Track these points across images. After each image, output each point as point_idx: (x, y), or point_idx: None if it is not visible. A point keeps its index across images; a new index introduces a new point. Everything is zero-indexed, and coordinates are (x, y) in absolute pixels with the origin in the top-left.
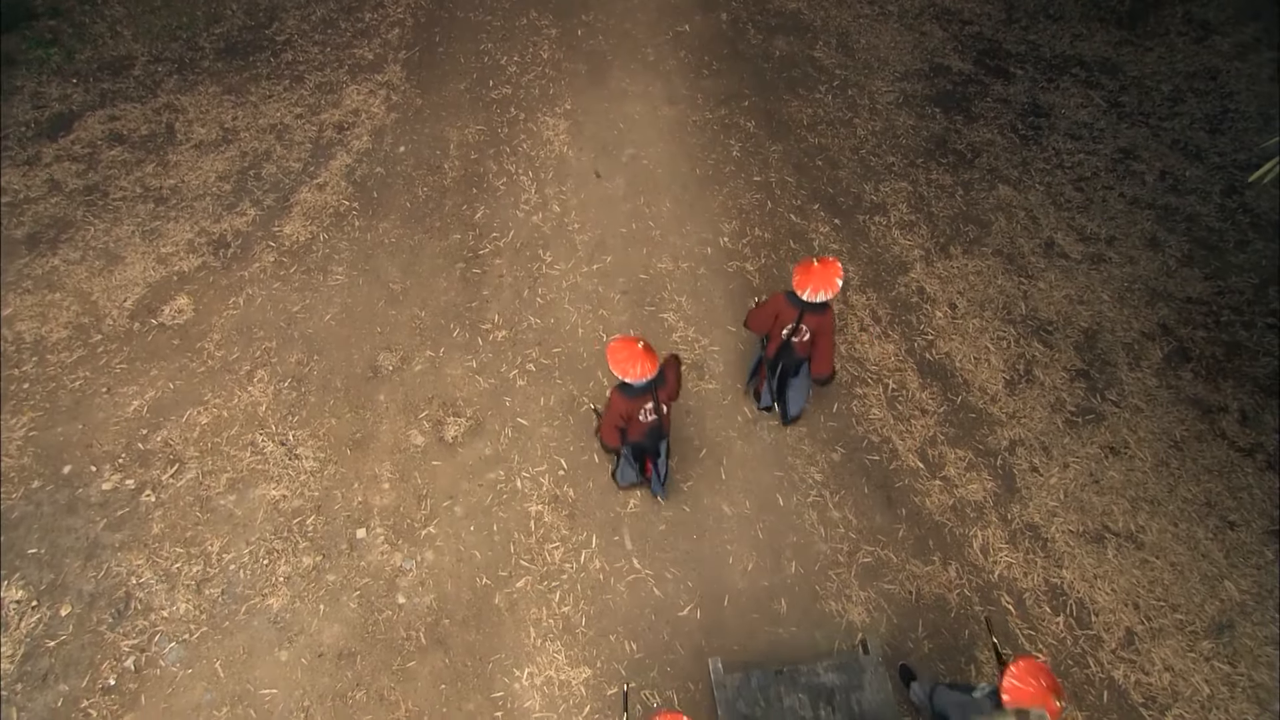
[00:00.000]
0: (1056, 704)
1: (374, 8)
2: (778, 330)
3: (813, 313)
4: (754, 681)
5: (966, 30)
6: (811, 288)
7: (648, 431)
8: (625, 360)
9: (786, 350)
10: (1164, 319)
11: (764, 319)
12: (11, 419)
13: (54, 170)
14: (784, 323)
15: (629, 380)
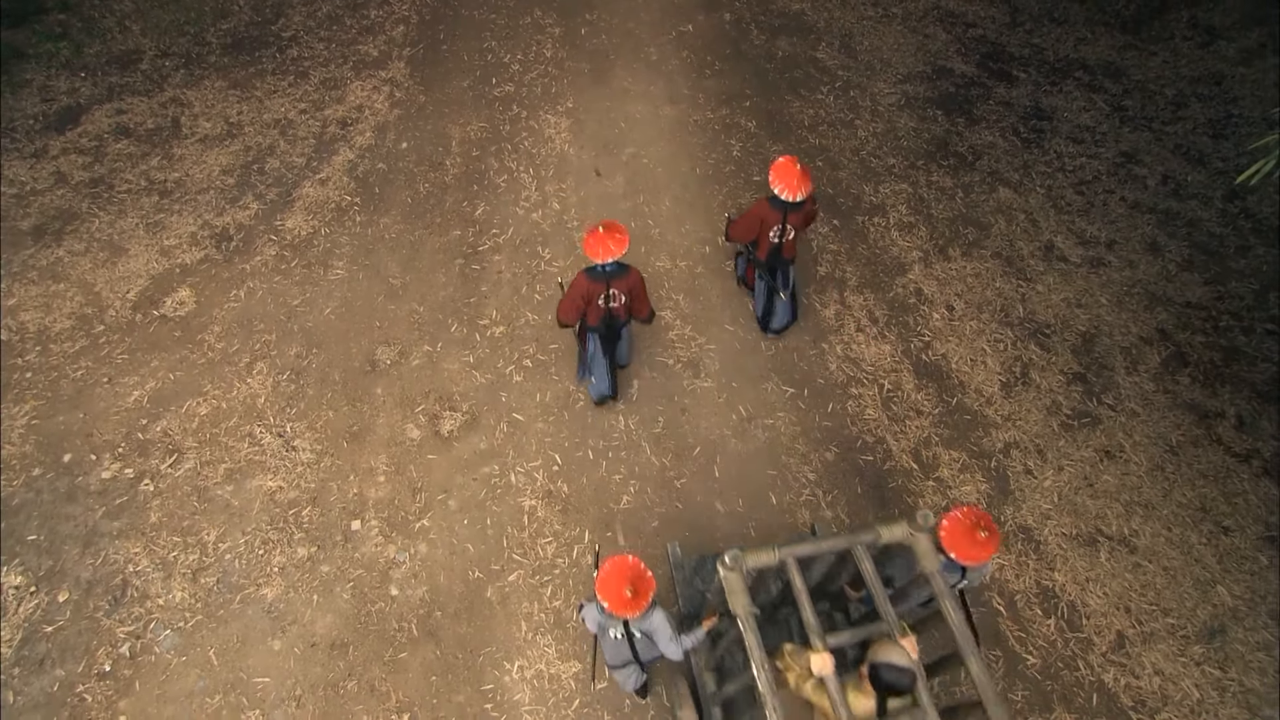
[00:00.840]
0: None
1: (380, 5)
2: (765, 235)
3: (795, 211)
4: (710, 563)
5: (970, 33)
6: (791, 190)
7: (603, 318)
8: (595, 243)
9: (777, 252)
10: (1162, 323)
11: (749, 228)
12: (14, 407)
13: (61, 163)
14: (770, 226)
15: (594, 261)
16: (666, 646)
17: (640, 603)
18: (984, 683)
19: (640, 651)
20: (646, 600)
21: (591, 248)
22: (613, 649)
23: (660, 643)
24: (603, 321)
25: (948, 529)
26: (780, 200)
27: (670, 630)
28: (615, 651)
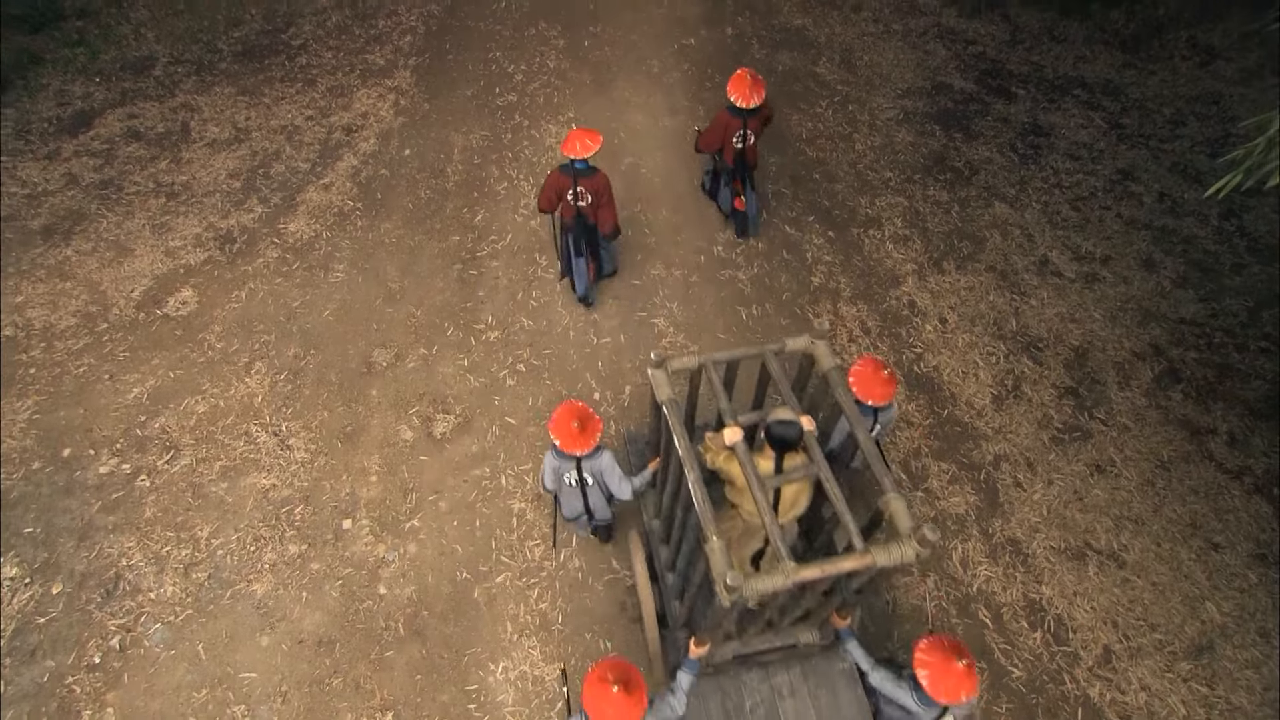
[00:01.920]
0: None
1: (388, 15)
2: (729, 141)
3: (752, 117)
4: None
5: (970, 50)
6: (744, 98)
7: (575, 217)
8: (569, 141)
9: (741, 157)
10: (1156, 339)
11: (714, 137)
12: (17, 402)
13: (72, 164)
14: (733, 132)
15: (568, 156)
16: (617, 487)
17: (589, 439)
18: (870, 449)
19: (592, 500)
20: (594, 437)
21: (567, 144)
22: (568, 499)
23: (611, 483)
24: (576, 220)
25: (856, 375)
26: (738, 108)
27: (619, 471)
28: (570, 502)
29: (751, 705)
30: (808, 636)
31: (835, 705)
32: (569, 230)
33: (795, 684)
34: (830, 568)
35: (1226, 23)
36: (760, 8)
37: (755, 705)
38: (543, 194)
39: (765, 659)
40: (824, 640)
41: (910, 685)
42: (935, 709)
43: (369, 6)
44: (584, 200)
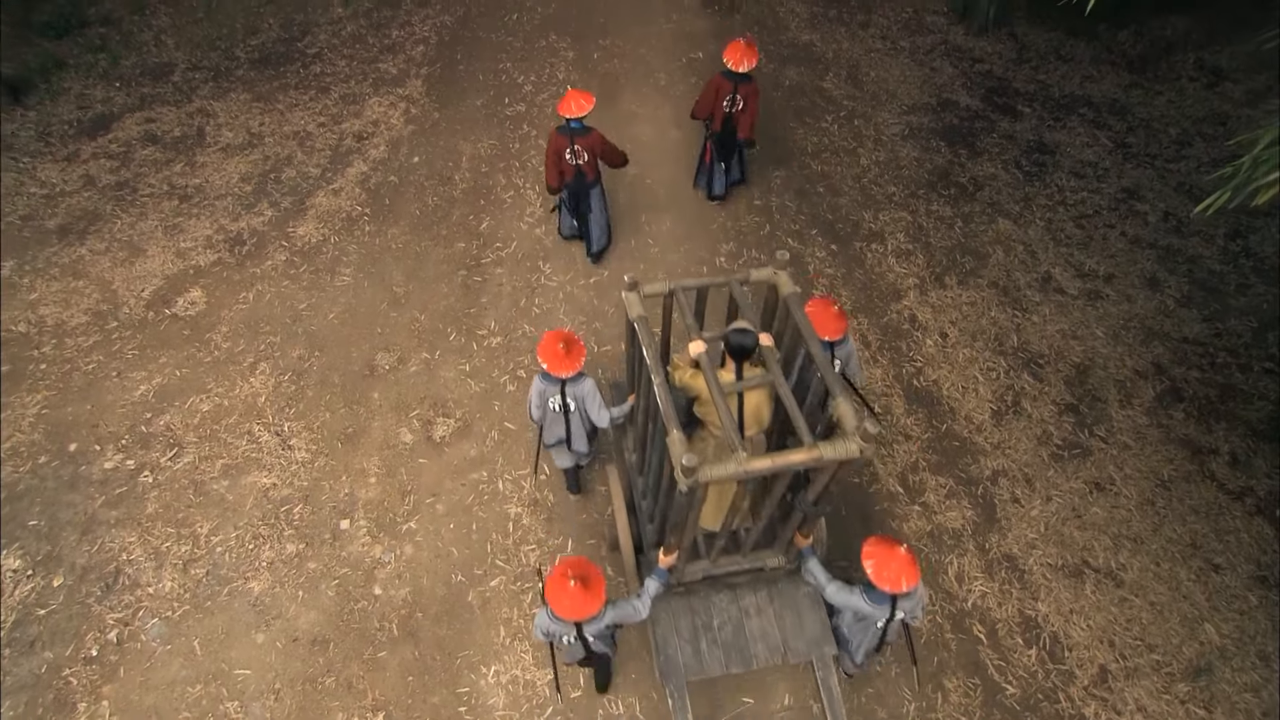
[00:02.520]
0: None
1: (401, 25)
2: (719, 105)
3: (743, 83)
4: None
5: (976, 68)
6: (736, 62)
7: (574, 176)
8: (565, 101)
9: (728, 124)
10: (1158, 358)
11: (706, 101)
12: (27, 396)
13: (90, 166)
14: (723, 95)
15: (564, 117)
16: (597, 413)
17: (574, 361)
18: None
19: (573, 429)
20: (579, 360)
21: (563, 105)
22: (551, 425)
23: (591, 410)
24: (573, 179)
25: (811, 311)
26: (731, 72)
27: (600, 398)
28: (552, 429)
29: (719, 623)
30: (774, 561)
31: (799, 625)
32: (565, 188)
33: (762, 605)
34: (780, 459)
35: (1234, 45)
36: (769, 23)
37: (723, 623)
38: (548, 169)
39: (734, 581)
40: (790, 565)
41: (861, 589)
42: (885, 606)
43: (383, 17)
44: (580, 158)
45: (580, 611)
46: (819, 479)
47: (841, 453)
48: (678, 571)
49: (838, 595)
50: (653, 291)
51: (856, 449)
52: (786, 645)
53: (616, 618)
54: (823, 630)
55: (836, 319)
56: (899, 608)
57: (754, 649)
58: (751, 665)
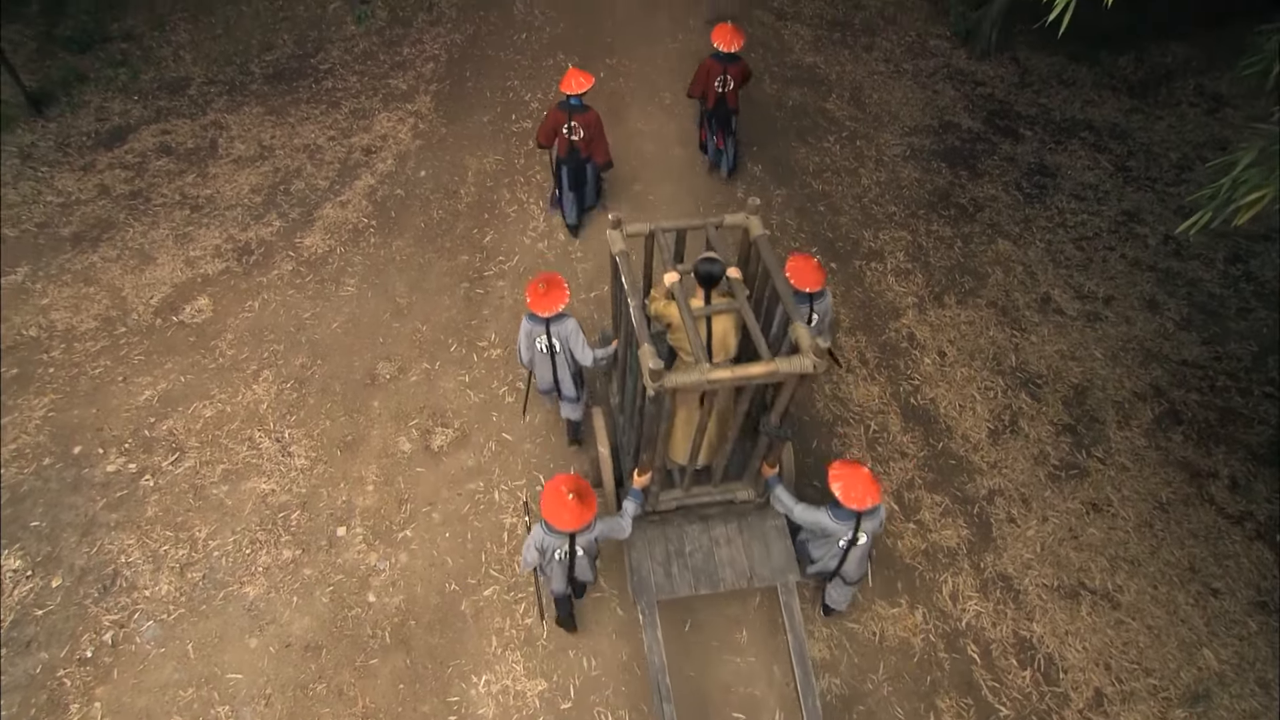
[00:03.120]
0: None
1: (413, 43)
2: (712, 86)
3: (732, 64)
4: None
5: (978, 91)
6: (725, 44)
7: (568, 150)
8: (567, 79)
9: (721, 102)
10: (1157, 380)
11: (699, 82)
12: (34, 399)
13: (105, 176)
14: (714, 76)
15: (565, 94)
16: (580, 352)
17: (553, 300)
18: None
19: (560, 373)
20: (559, 299)
21: (564, 82)
22: (540, 369)
23: (575, 348)
24: (569, 154)
25: (790, 268)
26: (720, 54)
27: (583, 337)
28: (541, 373)
29: (691, 550)
30: (744, 494)
31: (766, 554)
32: (562, 164)
33: (731, 535)
34: (740, 371)
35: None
36: (773, 45)
37: (694, 550)
38: (542, 128)
39: (706, 513)
40: (759, 499)
41: (828, 508)
42: (850, 524)
43: (395, 35)
44: (577, 134)
45: (577, 522)
46: (780, 399)
47: (796, 367)
48: (652, 497)
49: (806, 514)
50: (634, 231)
51: (810, 364)
52: (753, 571)
53: (604, 530)
54: (788, 559)
55: (815, 271)
56: (862, 528)
57: (722, 573)
58: (719, 588)
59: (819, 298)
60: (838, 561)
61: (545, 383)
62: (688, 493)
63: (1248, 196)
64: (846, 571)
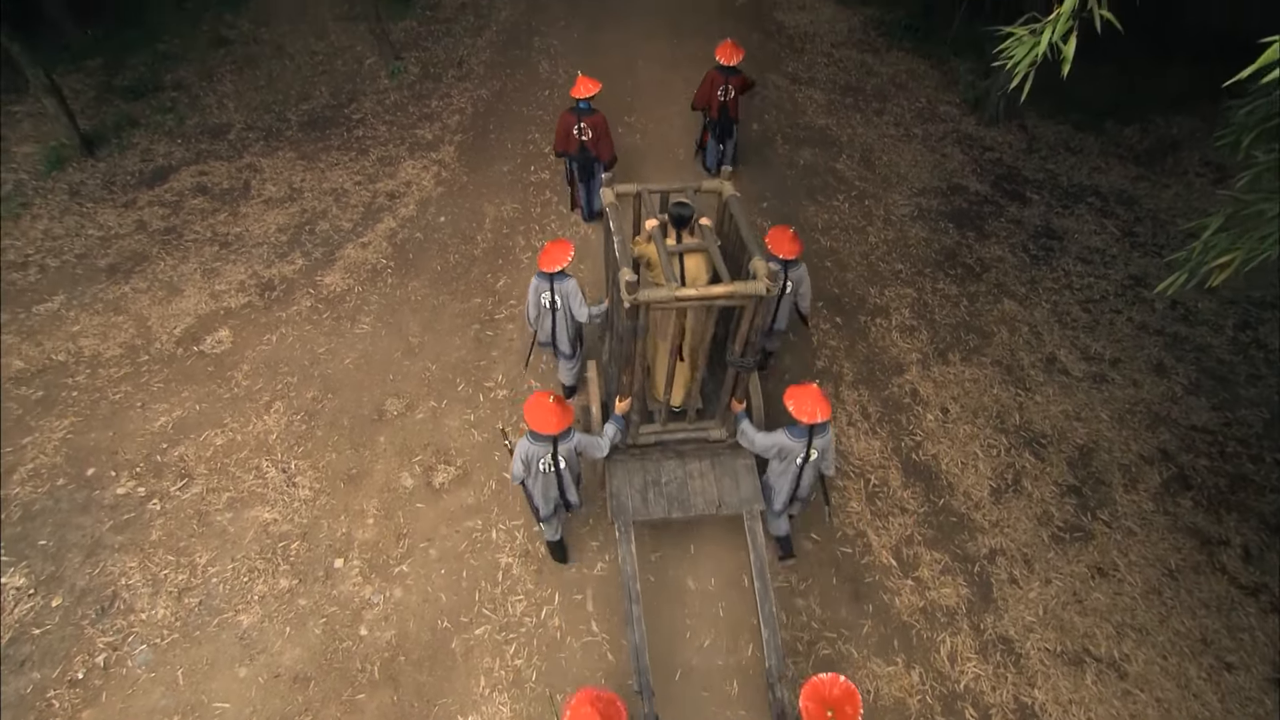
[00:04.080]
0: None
1: (441, 97)
2: (714, 95)
3: (732, 75)
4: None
5: (987, 156)
6: (726, 58)
7: (579, 149)
8: (578, 84)
9: (724, 111)
10: (1165, 444)
11: (704, 93)
12: (55, 421)
13: (144, 213)
14: (717, 86)
15: (573, 97)
16: (578, 308)
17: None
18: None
19: (558, 328)
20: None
21: (575, 89)
22: (542, 321)
23: (574, 304)
24: (580, 151)
25: (769, 237)
26: (722, 67)
27: (582, 296)
28: (543, 324)
29: (667, 480)
30: (716, 433)
31: (735, 487)
32: (573, 159)
33: (704, 470)
34: (703, 291)
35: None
36: (787, 107)
37: (670, 480)
38: (557, 137)
39: (682, 449)
40: (729, 440)
41: (784, 429)
42: (804, 440)
43: (425, 89)
44: (586, 135)
45: (558, 424)
46: (741, 328)
47: (751, 289)
48: (633, 428)
49: (767, 438)
50: (624, 190)
51: (763, 288)
52: (722, 500)
53: (584, 443)
54: (754, 492)
55: (791, 241)
56: (814, 445)
57: (693, 501)
58: (690, 513)
59: (793, 266)
60: (793, 483)
61: (545, 335)
62: (665, 428)
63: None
64: (801, 490)
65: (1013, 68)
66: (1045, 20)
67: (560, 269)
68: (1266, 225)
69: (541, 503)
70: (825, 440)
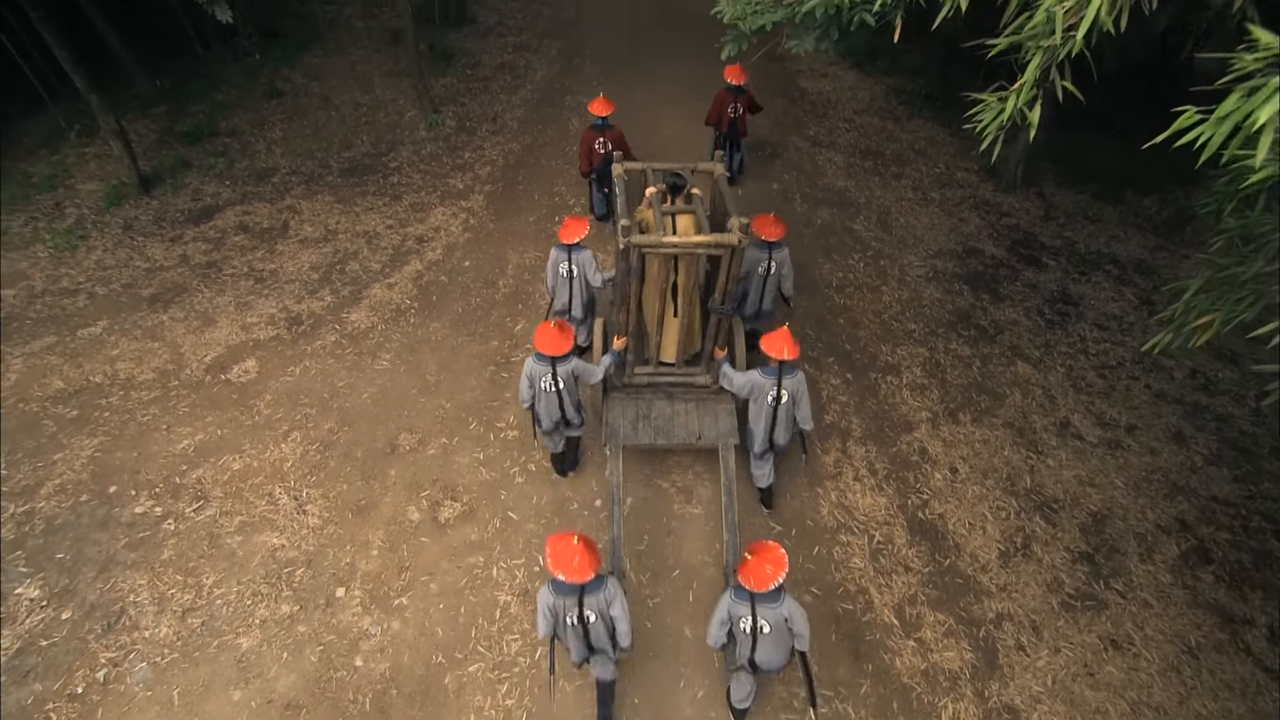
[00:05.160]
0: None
1: (475, 149)
2: (725, 114)
3: (739, 95)
4: None
5: (1004, 221)
6: (734, 79)
7: (602, 160)
8: (595, 104)
9: (732, 125)
10: (1183, 515)
11: (715, 111)
12: (86, 439)
13: (188, 248)
14: (726, 105)
15: (594, 116)
16: (593, 275)
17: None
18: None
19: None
20: (580, 229)
21: (592, 106)
22: (560, 289)
23: (589, 272)
24: (601, 163)
25: (756, 223)
26: (731, 87)
27: (595, 264)
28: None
29: (655, 415)
30: (702, 379)
31: (714, 424)
32: (594, 170)
33: (689, 409)
34: (685, 239)
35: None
36: (807, 169)
37: (658, 416)
38: (581, 155)
39: (672, 392)
40: (714, 386)
41: (757, 369)
42: (774, 377)
43: (460, 141)
44: (605, 148)
45: (557, 347)
46: (720, 276)
47: (726, 239)
48: (629, 367)
49: (742, 377)
50: (632, 168)
51: (736, 238)
52: (702, 433)
53: (580, 368)
54: (730, 429)
55: (774, 225)
56: (784, 386)
57: (677, 433)
58: (672, 441)
59: (777, 248)
60: (768, 423)
61: (561, 302)
62: (657, 370)
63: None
64: (777, 434)
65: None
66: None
67: (578, 240)
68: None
69: (545, 419)
70: (794, 381)
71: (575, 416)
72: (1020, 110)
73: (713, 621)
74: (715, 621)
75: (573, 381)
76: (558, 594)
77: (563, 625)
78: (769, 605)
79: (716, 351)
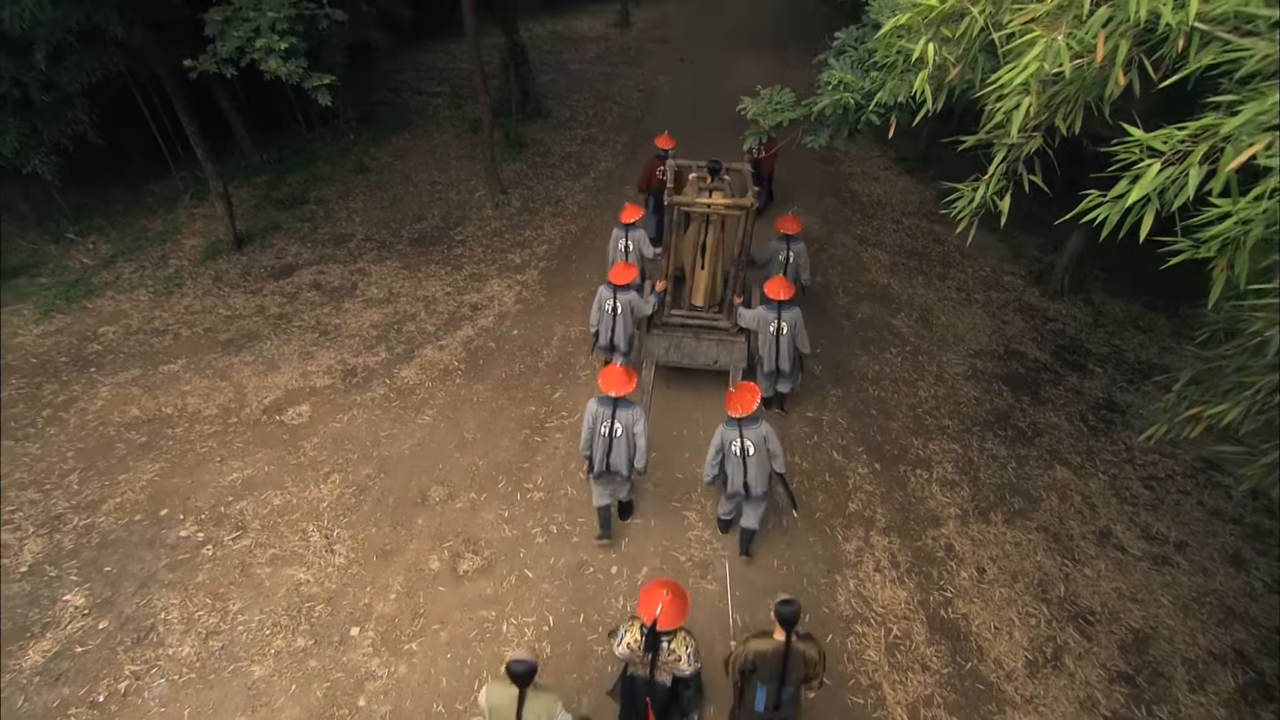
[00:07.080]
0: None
1: (535, 228)
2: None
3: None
4: None
5: (1049, 326)
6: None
7: (660, 186)
8: (661, 139)
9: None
10: (1241, 644)
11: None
12: (149, 465)
13: (266, 300)
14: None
15: (659, 146)
16: (646, 249)
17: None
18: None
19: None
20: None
21: (659, 140)
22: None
23: (644, 247)
24: (660, 188)
25: (778, 221)
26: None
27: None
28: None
29: (683, 345)
30: (724, 323)
31: (729, 354)
32: (654, 193)
33: (710, 345)
34: (714, 200)
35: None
36: (851, 264)
37: (685, 346)
38: (642, 176)
39: (699, 332)
40: (733, 329)
41: (763, 304)
42: (775, 310)
43: (523, 220)
44: (664, 175)
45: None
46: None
47: (744, 202)
48: (666, 308)
49: (751, 312)
50: (681, 164)
51: (750, 201)
52: (717, 359)
53: (635, 301)
54: (741, 357)
55: (794, 222)
56: (784, 318)
57: (697, 357)
58: (695, 362)
59: (794, 241)
60: (772, 349)
61: (605, 338)
62: (688, 314)
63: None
64: (781, 360)
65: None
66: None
67: (635, 221)
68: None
69: (603, 338)
70: (792, 314)
71: (624, 345)
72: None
73: (708, 457)
74: (710, 454)
75: (628, 310)
76: (600, 404)
77: (596, 435)
78: (751, 427)
79: (735, 299)
